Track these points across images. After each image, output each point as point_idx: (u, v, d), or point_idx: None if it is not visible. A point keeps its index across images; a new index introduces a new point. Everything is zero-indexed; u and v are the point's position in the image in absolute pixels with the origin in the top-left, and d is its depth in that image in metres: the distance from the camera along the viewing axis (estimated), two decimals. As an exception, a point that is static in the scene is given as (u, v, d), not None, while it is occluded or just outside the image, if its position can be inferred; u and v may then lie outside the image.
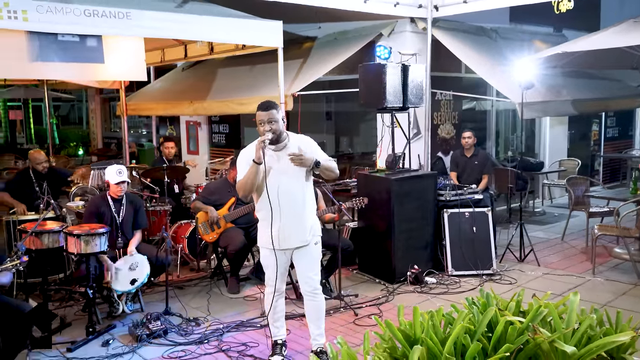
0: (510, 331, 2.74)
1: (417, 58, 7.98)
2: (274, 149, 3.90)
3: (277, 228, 3.89)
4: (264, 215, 3.95)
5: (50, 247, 4.66)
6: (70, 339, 4.65)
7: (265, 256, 4.06)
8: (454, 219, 6.29)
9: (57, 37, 5.61)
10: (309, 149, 3.96)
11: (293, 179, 3.91)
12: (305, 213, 3.99)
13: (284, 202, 3.88)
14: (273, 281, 4.00)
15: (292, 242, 3.97)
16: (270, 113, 3.80)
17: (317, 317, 4.16)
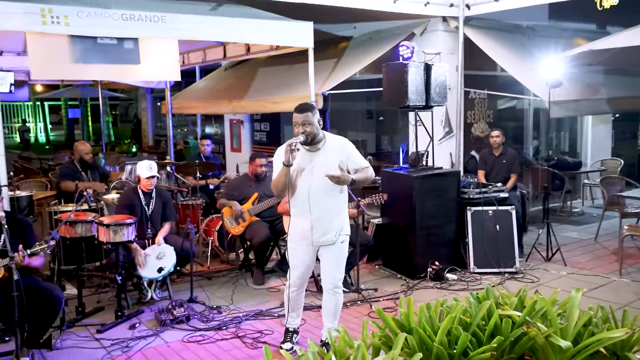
0: (504, 324, 2.83)
1: (450, 57, 8.04)
2: (308, 149, 4.02)
3: (305, 225, 4.03)
4: (295, 211, 4.07)
5: (84, 236, 5.02)
6: (101, 321, 5.01)
7: (291, 249, 4.19)
8: (477, 217, 6.33)
9: (96, 40, 5.98)
10: (342, 152, 4.06)
11: (324, 179, 3.97)
12: (335, 212, 4.09)
13: (314, 201, 4.00)
14: (295, 275, 4.17)
15: (320, 239, 4.08)
16: (305, 116, 3.90)
17: (333, 313, 4.25)
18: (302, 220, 4.04)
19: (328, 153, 4.04)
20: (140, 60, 6.28)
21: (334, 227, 4.09)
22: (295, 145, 3.81)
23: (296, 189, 4.02)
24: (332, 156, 4.03)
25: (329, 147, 4.05)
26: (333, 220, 4.08)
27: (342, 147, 4.10)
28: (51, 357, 4.35)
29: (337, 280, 4.21)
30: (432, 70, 6.16)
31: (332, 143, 4.08)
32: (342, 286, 5.62)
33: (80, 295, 5.20)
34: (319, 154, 4.03)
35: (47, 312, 3.96)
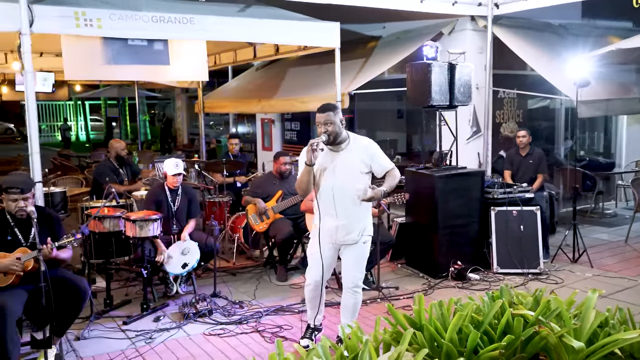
0: (516, 323, 2.85)
1: (478, 56, 8.00)
2: (331, 149, 4.07)
3: (329, 224, 4.08)
4: (320, 210, 4.12)
5: (111, 231, 5.21)
6: (128, 313, 5.20)
7: (312, 245, 4.22)
8: (501, 217, 6.30)
9: (127, 42, 6.18)
10: (366, 153, 4.10)
11: (348, 179, 4.04)
12: (359, 213, 4.11)
13: (338, 201, 4.05)
14: (313, 272, 4.20)
15: (342, 238, 4.12)
16: (327, 115, 3.94)
17: (352, 311, 4.29)
18: (327, 219, 4.08)
19: (351, 153, 4.08)
20: (170, 61, 6.46)
21: (357, 227, 4.12)
22: (317, 145, 3.85)
23: (320, 189, 4.08)
24: (356, 156, 4.08)
25: (353, 148, 4.08)
26: (356, 220, 4.11)
27: (366, 148, 4.13)
28: (78, 346, 4.56)
29: (358, 279, 4.25)
30: (456, 69, 6.16)
31: (356, 143, 4.11)
32: (363, 285, 5.72)
33: (109, 288, 5.40)
34: (342, 154, 4.07)
35: (73, 303, 4.13)
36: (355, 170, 4.05)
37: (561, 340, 2.70)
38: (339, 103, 7.29)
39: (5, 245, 4.01)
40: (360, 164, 4.08)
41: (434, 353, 2.91)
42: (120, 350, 4.46)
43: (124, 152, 6.95)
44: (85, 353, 4.42)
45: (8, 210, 4.04)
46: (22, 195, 4.01)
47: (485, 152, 8.09)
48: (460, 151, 8.03)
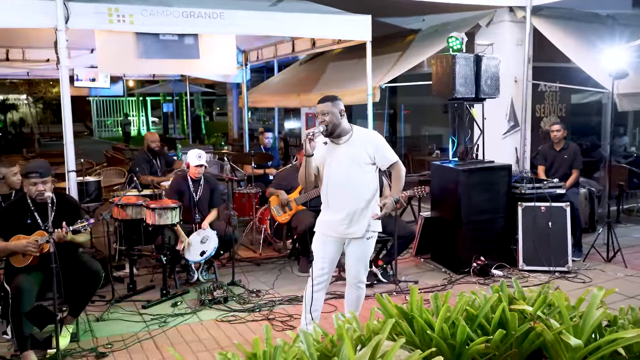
0: (511, 318, 2.80)
1: (516, 48, 7.80)
2: (333, 141, 4.02)
3: (331, 217, 4.04)
4: (323, 203, 4.13)
5: (134, 218, 5.41)
6: (149, 298, 5.39)
7: (315, 240, 4.17)
8: (528, 213, 6.12)
9: (158, 36, 6.39)
10: (371, 146, 4.02)
11: (350, 172, 3.98)
12: (362, 208, 4.01)
13: (339, 194, 4.00)
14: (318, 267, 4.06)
15: (344, 232, 4.04)
16: (324, 105, 3.92)
17: (355, 305, 4.25)
18: (329, 212, 4.06)
19: (354, 146, 4.01)
20: (200, 55, 6.63)
21: (360, 222, 4.03)
22: (314, 135, 3.82)
23: (325, 183, 4.06)
24: (359, 149, 4.01)
25: (356, 140, 4.02)
26: (359, 215, 4.02)
27: (370, 140, 4.06)
28: (96, 326, 4.78)
29: (361, 275, 4.18)
30: (482, 61, 6.03)
31: (359, 136, 4.05)
32: (381, 278, 5.71)
33: (132, 274, 5.62)
34: (345, 147, 4.01)
35: (87, 285, 4.34)
36: (358, 162, 3.98)
37: (558, 337, 2.63)
38: (369, 97, 7.29)
39: (25, 228, 4.24)
40: (364, 155, 4.00)
41: (424, 345, 2.90)
42: (134, 332, 4.64)
43: (154, 145, 7.19)
44: (101, 333, 4.63)
45: (29, 194, 4.27)
46: (41, 179, 4.22)
47: (522, 147, 7.87)
48: (497, 146, 7.87)
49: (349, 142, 4.02)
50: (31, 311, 3.81)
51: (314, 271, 4.05)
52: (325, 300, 5.24)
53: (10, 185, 5.06)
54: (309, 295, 4.09)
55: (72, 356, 4.15)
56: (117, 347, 4.35)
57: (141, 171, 6.78)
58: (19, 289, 4.00)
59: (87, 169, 9.00)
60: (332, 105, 3.94)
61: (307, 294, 4.14)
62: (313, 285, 4.03)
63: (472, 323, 2.93)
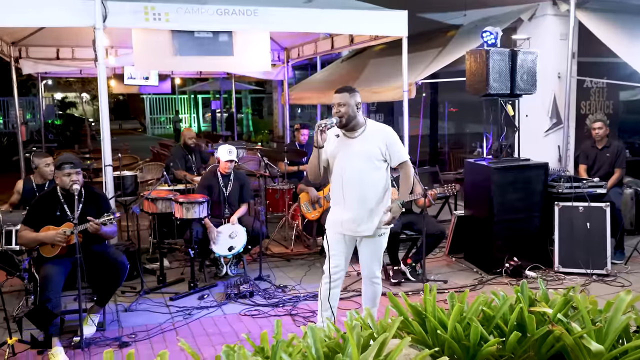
0: (529, 320, 2.72)
1: (560, 43, 7.55)
2: (346, 134, 3.92)
3: (342, 214, 3.93)
4: (333, 199, 4.03)
5: (163, 212, 5.53)
6: (178, 291, 5.49)
7: (328, 238, 4.04)
8: (565, 213, 5.91)
9: (193, 34, 6.50)
10: (383, 141, 3.91)
11: (362, 167, 3.87)
12: (374, 204, 3.91)
13: (350, 189, 3.89)
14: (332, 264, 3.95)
15: (356, 229, 3.94)
16: (342, 96, 3.81)
17: (372, 300, 4.18)
18: (339, 209, 3.96)
19: (367, 141, 3.90)
20: (234, 52, 6.71)
21: (370, 220, 3.92)
22: (325, 126, 3.72)
23: (333, 176, 3.96)
24: (372, 144, 3.90)
25: (369, 135, 3.91)
26: (370, 212, 3.91)
27: (383, 136, 3.94)
28: (124, 316, 4.90)
29: (375, 270, 4.11)
30: (518, 56, 5.85)
31: (373, 131, 3.95)
32: (410, 275, 5.64)
33: (162, 266, 5.74)
34: (358, 141, 3.89)
35: (112, 276, 4.46)
36: (370, 157, 3.87)
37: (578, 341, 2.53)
38: (405, 93, 7.20)
39: (54, 220, 4.40)
40: (377, 151, 3.89)
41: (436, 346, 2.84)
42: (159, 323, 4.74)
43: (190, 141, 7.31)
44: (127, 323, 4.74)
45: (62, 185, 4.41)
46: (74, 170, 4.37)
47: (565, 146, 7.61)
48: (538, 144, 7.64)
49: (362, 136, 3.90)
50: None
51: (330, 268, 3.98)
52: (350, 298, 5.23)
53: (42, 175, 5.26)
54: (325, 292, 4.04)
55: (96, 344, 4.27)
56: (140, 337, 4.45)
57: (175, 166, 6.91)
58: (46, 278, 4.14)
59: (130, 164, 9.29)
60: (350, 96, 3.84)
61: (322, 291, 4.08)
62: (330, 282, 3.97)
63: (489, 324, 2.85)
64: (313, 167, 3.92)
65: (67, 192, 4.39)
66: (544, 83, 7.44)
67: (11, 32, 8.81)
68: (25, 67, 9.81)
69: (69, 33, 8.73)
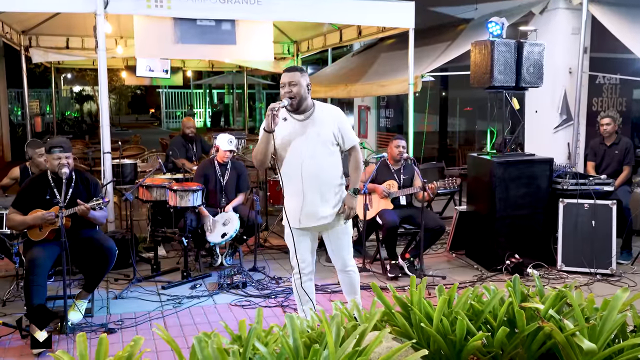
0: (518, 316, 2.62)
1: (572, 37, 7.37)
2: (295, 117, 3.62)
3: (301, 207, 3.64)
4: (288, 191, 3.71)
5: (158, 200, 5.47)
6: (170, 280, 5.43)
7: (289, 233, 3.73)
8: (570, 210, 5.74)
9: (196, 22, 6.43)
10: (335, 123, 3.67)
11: (316, 152, 3.60)
12: (331, 189, 3.68)
13: (310, 177, 3.60)
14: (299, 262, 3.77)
15: (317, 220, 3.69)
16: (293, 75, 3.53)
17: (352, 290, 4.01)
18: (297, 200, 3.65)
19: (318, 124, 3.62)
20: (237, 41, 6.62)
21: (332, 205, 3.69)
22: (277, 109, 3.42)
23: (287, 165, 3.63)
24: (324, 128, 3.63)
25: (320, 117, 3.64)
26: (332, 197, 3.68)
27: (334, 118, 3.68)
28: (113, 303, 4.85)
29: (348, 260, 3.92)
30: (524, 48, 5.69)
31: (323, 112, 3.67)
32: (408, 270, 5.52)
33: (156, 255, 5.68)
34: (310, 124, 3.60)
35: (100, 261, 4.40)
36: (325, 142, 3.60)
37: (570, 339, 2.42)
38: (411, 86, 7.07)
39: (43, 204, 4.35)
40: (330, 135, 3.63)
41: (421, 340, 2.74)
42: (147, 311, 4.68)
43: (188, 131, 7.26)
44: (116, 310, 4.70)
45: (51, 169, 4.37)
46: (64, 154, 4.32)
47: (574, 143, 7.43)
48: (548, 141, 7.48)
49: (311, 118, 3.62)
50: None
51: (298, 264, 3.79)
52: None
53: (37, 165, 5.22)
54: (298, 286, 3.86)
55: (81, 330, 4.21)
56: (127, 325, 4.39)
57: (175, 155, 6.86)
58: (33, 261, 4.10)
59: (137, 154, 9.27)
60: (300, 75, 3.55)
61: (296, 286, 3.88)
62: (301, 276, 3.82)
63: (477, 319, 2.75)
64: (261, 154, 3.55)
65: (57, 176, 4.34)
66: (554, 78, 7.27)
67: (21, 20, 8.84)
68: (35, 55, 9.84)
69: (79, 22, 8.73)
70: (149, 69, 11.27)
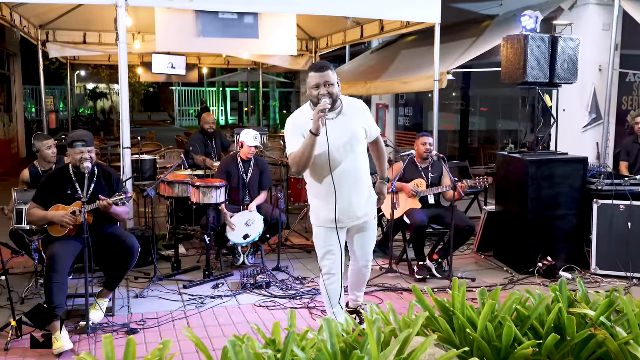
0: (568, 323, 2.45)
1: (603, 34, 7.16)
2: (330, 117, 3.41)
3: (334, 204, 3.47)
4: (320, 191, 3.55)
5: (180, 196, 5.32)
6: (192, 279, 5.28)
7: (321, 234, 3.63)
8: (605, 212, 5.53)
9: (218, 15, 6.28)
10: (363, 116, 3.58)
11: (355, 149, 3.51)
12: (364, 185, 3.62)
13: (341, 175, 3.47)
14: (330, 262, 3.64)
15: (356, 219, 3.61)
16: (326, 75, 3.34)
17: (361, 286, 4.07)
18: (331, 201, 3.48)
19: (352, 120, 3.49)
20: (259, 35, 6.47)
21: (366, 201, 3.64)
22: (326, 111, 3.23)
23: (320, 165, 3.45)
24: (356, 123, 3.51)
25: (350, 113, 3.49)
26: (365, 195, 3.62)
27: (361, 112, 3.57)
28: (134, 303, 4.71)
29: (370, 255, 3.86)
30: (559, 43, 5.49)
31: (351, 107, 3.53)
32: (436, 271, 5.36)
33: (177, 253, 5.54)
34: (341, 121, 3.45)
35: (121, 259, 4.25)
36: (358, 138, 3.50)
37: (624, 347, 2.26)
38: (436, 82, 6.89)
39: (64, 198, 4.21)
40: (361, 130, 3.52)
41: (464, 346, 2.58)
42: (170, 311, 4.53)
43: (207, 127, 7.13)
44: (137, 310, 4.55)
45: (73, 163, 4.23)
46: (86, 148, 4.18)
47: (604, 143, 7.21)
48: (576, 140, 7.27)
49: (342, 115, 3.47)
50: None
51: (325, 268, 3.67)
52: (372, 293, 4.96)
53: (45, 158, 5.09)
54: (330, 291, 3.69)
55: (102, 330, 4.08)
56: (149, 325, 4.25)
57: (195, 151, 6.71)
58: (53, 257, 3.96)
59: (153, 150, 9.15)
60: (332, 73, 3.38)
61: (326, 291, 3.71)
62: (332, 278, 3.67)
63: (523, 325, 2.58)
64: (307, 159, 3.31)
65: (79, 171, 4.20)
66: (583, 76, 7.04)
67: (39, 14, 8.74)
68: (52, 50, 9.74)
69: (97, 17, 8.62)
70: (172, 65, 11.17)
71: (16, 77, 15.26)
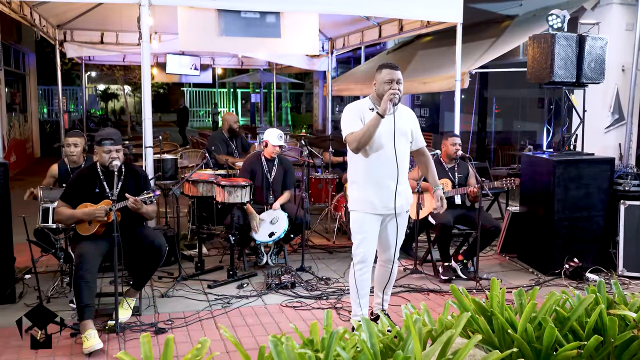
0: (610, 324, 2.41)
1: (626, 34, 7.09)
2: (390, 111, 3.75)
3: (388, 192, 3.80)
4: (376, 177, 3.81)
5: (204, 195, 5.29)
6: (216, 278, 5.26)
7: (359, 220, 3.87)
8: (632, 213, 5.46)
9: (240, 14, 6.25)
10: (413, 122, 3.97)
11: (400, 143, 3.77)
12: (405, 178, 3.91)
13: (390, 166, 3.77)
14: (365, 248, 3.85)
15: (391, 208, 3.82)
16: (398, 73, 3.75)
17: (388, 284, 4.12)
18: (385, 186, 3.79)
19: (403, 120, 3.83)
20: (281, 34, 6.43)
21: (404, 197, 3.91)
22: (395, 99, 3.61)
23: (372, 154, 3.78)
24: (406, 124, 3.88)
25: (402, 113, 3.85)
26: (406, 187, 3.96)
27: (411, 118, 3.99)
28: (160, 302, 4.69)
29: (397, 252, 4.07)
30: (586, 42, 5.43)
31: (403, 110, 3.93)
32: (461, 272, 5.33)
33: (201, 253, 5.51)
34: (395, 118, 3.73)
35: (149, 258, 4.22)
36: (407, 136, 3.87)
37: None
38: (457, 82, 6.84)
39: (92, 197, 4.19)
40: (409, 131, 3.90)
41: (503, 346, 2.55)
42: (196, 311, 4.50)
43: (236, 125, 7.12)
44: (163, 309, 4.52)
45: (101, 162, 4.21)
46: (115, 147, 4.17)
47: (627, 144, 7.13)
48: (598, 141, 7.18)
49: (396, 113, 3.75)
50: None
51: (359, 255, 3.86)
52: (398, 294, 4.92)
53: (65, 154, 5.07)
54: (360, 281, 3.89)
55: (131, 329, 4.05)
56: (177, 324, 4.22)
57: (217, 150, 6.69)
58: (82, 257, 3.94)
59: (170, 150, 9.14)
60: (401, 74, 3.77)
61: (356, 281, 3.88)
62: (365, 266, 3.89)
63: (562, 326, 2.54)
64: (369, 137, 3.67)
65: (107, 169, 4.19)
66: (607, 76, 6.96)
67: (57, 14, 8.75)
68: (70, 50, 9.77)
69: (114, 17, 8.62)
70: (187, 65, 11.17)
71: (31, 77, 15.32)
